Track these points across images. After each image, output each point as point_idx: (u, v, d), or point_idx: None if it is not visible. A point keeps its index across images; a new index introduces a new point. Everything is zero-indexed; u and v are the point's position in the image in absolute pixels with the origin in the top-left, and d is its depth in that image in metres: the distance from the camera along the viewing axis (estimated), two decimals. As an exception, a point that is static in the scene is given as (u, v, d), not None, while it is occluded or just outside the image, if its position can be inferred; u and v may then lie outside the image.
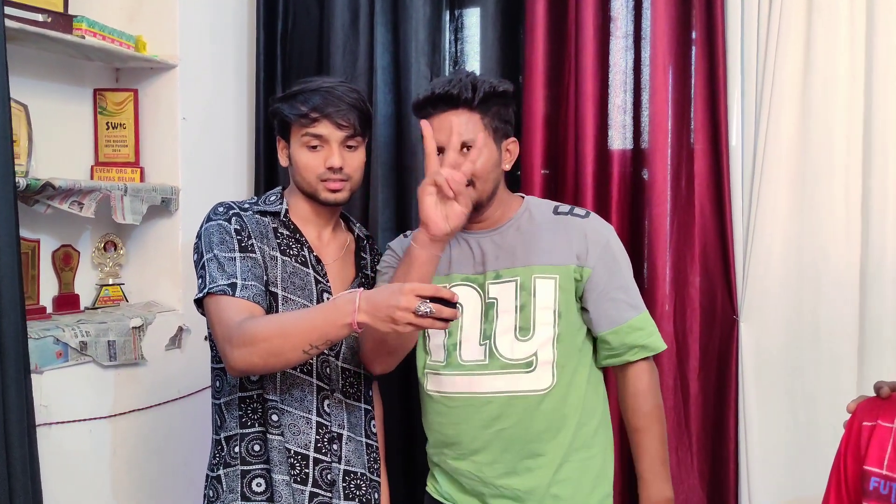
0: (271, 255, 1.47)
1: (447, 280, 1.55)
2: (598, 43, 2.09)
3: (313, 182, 1.48)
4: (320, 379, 1.49)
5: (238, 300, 1.37)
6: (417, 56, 2.25)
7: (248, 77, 2.46)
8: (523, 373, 1.49)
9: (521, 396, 1.49)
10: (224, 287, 1.38)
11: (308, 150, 1.47)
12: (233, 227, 1.45)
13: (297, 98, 1.48)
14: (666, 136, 2.05)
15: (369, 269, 1.64)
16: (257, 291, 1.40)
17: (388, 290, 1.24)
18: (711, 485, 2.06)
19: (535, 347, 1.49)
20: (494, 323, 1.51)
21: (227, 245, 1.42)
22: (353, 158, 1.50)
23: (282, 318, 1.37)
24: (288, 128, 1.50)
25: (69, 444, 1.86)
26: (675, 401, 2.07)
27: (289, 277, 1.47)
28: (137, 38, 2.12)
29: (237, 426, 1.47)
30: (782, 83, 1.94)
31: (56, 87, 2.09)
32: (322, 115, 1.45)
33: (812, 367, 1.96)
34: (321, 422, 1.48)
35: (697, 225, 2.04)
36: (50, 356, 1.81)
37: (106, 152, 2.19)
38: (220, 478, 1.48)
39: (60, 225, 2.06)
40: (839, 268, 1.94)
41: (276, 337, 1.30)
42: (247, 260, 1.42)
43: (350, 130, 1.47)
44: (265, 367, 1.34)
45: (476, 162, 1.41)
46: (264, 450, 1.45)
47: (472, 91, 1.46)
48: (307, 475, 1.46)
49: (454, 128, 1.44)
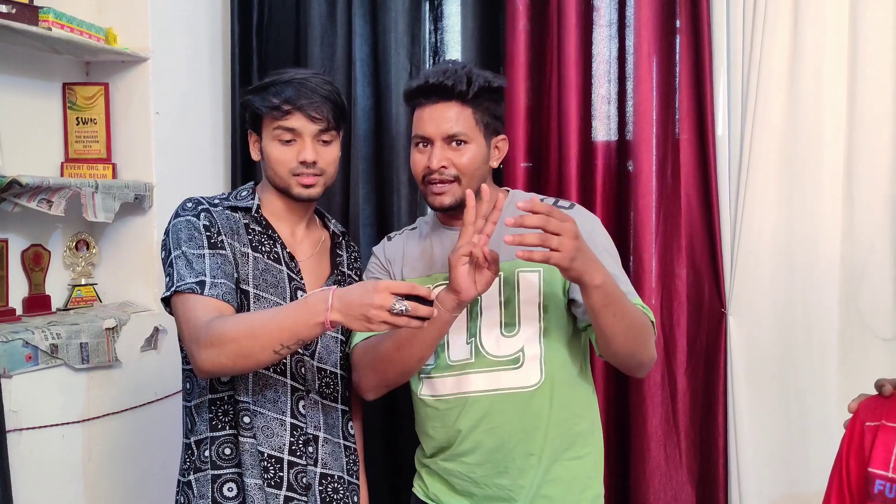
0: (242, 251, 1.42)
1: (430, 280, 1.52)
2: (581, 32, 2.05)
3: (286, 176, 1.44)
4: (294, 379, 1.44)
5: (207, 299, 1.32)
6: (397, 47, 2.20)
7: (222, 70, 2.40)
8: (510, 369, 1.46)
9: (510, 394, 1.46)
10: (192, 285, 1.33)
11: (280, 144, 1.42)
12: (202, 222, 1.39)
13: (269, 90, 1.42)
14: (651, 127, 2.02)
15: (345, 267, 1.59)
16: (227, 290, 1.35)
17: (362, 287, 1.20)
18: (700, 481, 2.04)
19: (522, 343, 1.46)
20: (479, 319, 1.47)
21: (195, 241, 1.37)
22: (327, 153, 1.45)
23: (251, 317, 1.32)
24: (259, 121, 1.45)
25: (41, 450, 1.80)
26: (662, 396, 2.04)
27: (261, 275, 1.42)
28: (108, 31, 2.05)
29: (207, 429, 1.42)
30: (769, 71, 1.91)
31: (23, 81, 2.02)
32: (295, 108, 1.40)
33: (802, 359, 1.93)
34: (295, 423, 1.43)
35: (684, 216, 2.02)
36: (19, 360, 1.75)
37: (76, 148, 2.12)
38: (190, 483, 1.42)
39: (30, 224, 1.99)
40: (827, 259, 1.92)
41: (246, 337, 1.25)
42: (216, 257, 1.37)
43: (324, 124, 1.43)
44: (234, 368, 1.29)
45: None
46: (235, 453, 1.40)
47: (467, 84, 1.42)
48: (281, 479, 1.41)
49: (443, 121, 1.42)
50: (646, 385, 2.02)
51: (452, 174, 1.44)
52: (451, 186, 1.44)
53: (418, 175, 1.48)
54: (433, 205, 1.48)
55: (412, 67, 2.21)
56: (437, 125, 1.43)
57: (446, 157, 1.43)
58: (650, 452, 2.02)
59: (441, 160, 1.43)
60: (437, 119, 1.43)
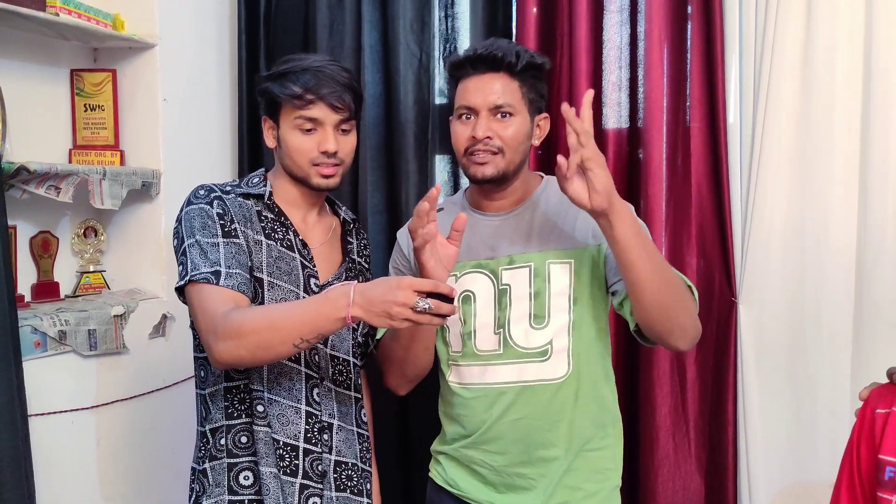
0: (256, 239, 1.41)
1: (458, 268, 1.51)
2: (592, 18, 2.03)
3: (305, 166, 1.42)
4: (309, 367, 1.44)
5: (222, 289, 1.31)
6: (406, 34, 2.19)
7: (230, 56, 2.39)
8: (538, 361, 1.45)
9: (537, 386, 1.45)
10: (207, 275, 1.32)
11: (301, 133, 1.41)
12: (215, 210, 1.38)
13: (288, 77, 1.40)
14: (662, 114, 2.01)
15: (356, 254, 1.58)
16: (242, 280, 1.34)
17: (385, 284, 1.19)
18: (709, 471, 2.03)
19: (551, 335, 1.45)
20: (508, 310, 1.47)
21: (209, 230, 1.36)
22: (347, 142, 1.45)
23: (271, 310, 1.32)
24: (277, 108, 1.43)
25: (50, 436, 1.81)
26: (671, 385, 2.03)
27: (274, 262, 1.41)
28: (115, 17, 2.04)
29: (223, 417, 1.42)
30: (782, 58, 1.89)
31: (31, 67, 2.01)
32: (317, 97, 1.38)
33: (812, 349, 1.92)
34: (311, 411, 1.43)
35: (694, 205, 2.00)
36: (28, 346, 1.75)
37: (84, 135, 2.11)
38: (206, 471, 1.42)
39: (38, 210, 1.99)
40: (839, 248, 1.90)
41: (266, 330, 1.25)
42: (230, 245, 1.36)
43: (345, 113, 1.41)
44: (252, 360, 1.29)
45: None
46: (251, 441, 1.40)
47: (516, 57, 1.43)
48: (297, 466, 1.40)
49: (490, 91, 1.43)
50: (655, 374, 2.02)
51: (497, 145, 1.43)
52: (494, 157, 1.44)
53: (461, 147, 1.46)
54: (475, 176, 1.46)
55: (422, 54, 2.19)
56: (484, 96, 1.42)
57: (491, 127, 1.42)
58: (659, 442, 2.01)
59: (486, 130, 1.42)
60: (483, 90, 1.43)
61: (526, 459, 1.47)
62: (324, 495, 1.42)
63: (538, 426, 1.46)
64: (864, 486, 1.26)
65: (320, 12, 2.24)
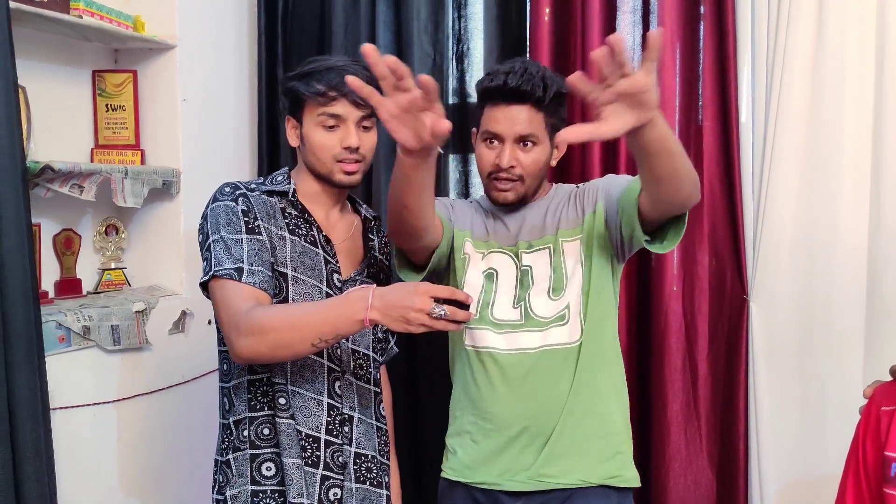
0: (279, 235, 1.44)
1: (486, 246, 1.59)
2: (605, 18, 2.06)
3: (328, 162, 1.45)
4: (331, 360, 1.47)
5: (244, 286, 1.35)
6: (420, 34, 2.21)
7: (248, 57, 2.42)
8: (558, 326, 1.52)
9: (553, 350, 1.52)
10: (230, 271, 1.35)
11: (324, 130, 1.44)
12: (240, 207, 1.41)
13: (313, 76, 1.44)
14: (674, 114, 2.03)
15: (377, 251, 1.62)
16: (264, 277, 1.37)
17: (403, 289, 1.23)
18: (721, 466, 2.05)
19: (568, 300, 1.53)
20: (530, 288, 1.54)
21: (233, 226, 1.39)
22: (368, 139, 1.48)
23: (292, 309, 1.36)
24: (301, 107, 1.46)
25: (73, 429, 1.85)
26: (683, 382, 2.05)
27: (298, 257, 1.44)
28: (136, 18, 2.08)
29: (246, 409, 1.45)
30: (794, 58, 1.90)
31: (54, 68, 2.05)
32: (340, 94, 1.41)
33: (823, 346, 1.94)
34: (332, 403, 1.46)
35: (706, 203, 2.02)
36: (53, 341, 1.79)
37: (106, 134, 2.15)
38: (229, 462, 1.45)
39: (61, 209, 2.03)
40: (850, 246, 1.92)
41: (287, 328, 1.29)
42: (254, 242, 1.39)
43: (367, 109, 1.43)
44: (272, 357, 1.34)
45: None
46: (274, 433, 1.43)
47: (544, 90, 1.47)
48: (318, 458, 1.43)
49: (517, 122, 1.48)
50: (667, 370, 2.04)
51: (518, 174, 1.51)
52: (514, 185, 1.53)
53: (485, 170, 1.54)
54: (496, 200, 1.55)
55: (435, 54, 2.22)
56: (511, 126, 1.48)
57: (515, 156, 1.49)
58: (671, 437, 2.03)
59: (510, 160, 1.49)
60: (511, 120, 1.48)
61: (531, 423, 1.52)
62: (344, 486, 1.45)
63: (548, 390, 1.51)
64: (870, 482, 1.27)
65: (336, 13, 2.28)
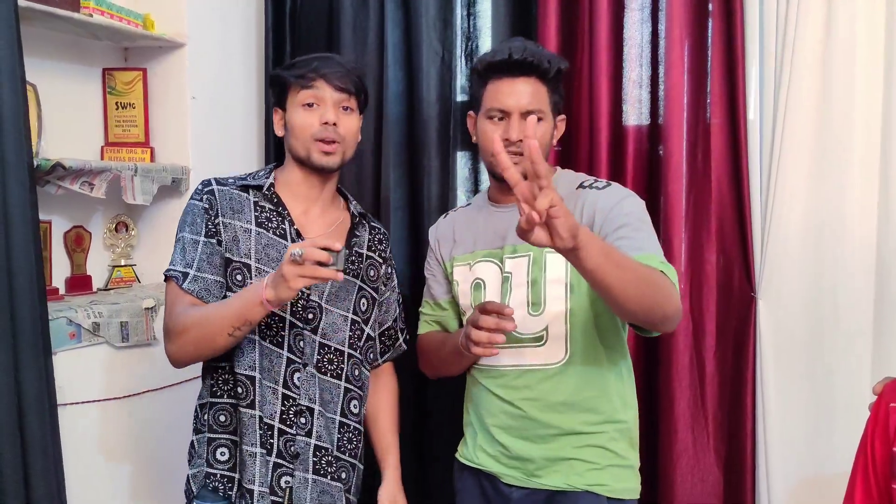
0: (245, 228, 1.49)
1: (471, 257, 1.58)
2: (613, 16, 2.05)
3: (307, 141, 1.50)
4: (291, 352, 1.51)
5: (184, 294, 1.45)
6: (428, 32, 2.22)
7: (256, 55, 2.43)
8: (534, 347, 1.50)
9: (532, 370, 1.51)
10: (177, 274, 1.46)
11: (304, 110, 1.50)
12: (203, 205, 1.49)
13: (297, 64, 1.53)
14: (682, 111, 2.02)
15: (364, 248, 1.63)
16: (206, 285, 1.46)
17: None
18: (728, 464, 2.05)
19: (546, 322, 1.50)
20: (508, 297, 1.52)
21: (195, 227, 1.48)
22: (348, 120, 1.52)
23: (208, 307, 1.44)
24: (285, 93, 1.53)
25: (83, 424, 1.87)
26: (690, 380, 2.05)
27: (262, 249, 1.49)
28: (145, 17, 2.09)
29: (208, 395, 1.53)
30: (803, 55, 1.90)
31: (65, 66, 2.07)
32: (319, 76, 1.49)
33: (830, 344, 1.93)
34: (287, 394, 1.50)
35: (714, 201, 2.02)
36: (63, 337, 1.81)
37: (116, 132, 2.17)
38: (193, 443, 1.56)
39: (71, 206, 2.05)
40: (859, 243, 1.91)
41: (202, 325, 1.39)
42: (208, 246, 1.47)
43: (346, 94, 1.50)
44: (198, 354, 1.44)
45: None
46: (230, 420, 1.50)
47: (548, 63, 1.49)
48: (272, 445, 1.49)
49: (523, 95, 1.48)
50: (674, 368, 2.03)
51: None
52: (522, 158, 1.46)
53: (491, 146, 1.51)
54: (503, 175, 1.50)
55: (444, 52, 2.22)
56: (517, 99, 1.48)
57: (522, 130, 1.47)
58: (678, 435, 2.03)
59: (519, 133, 1.47)
60: (517, 94, 1.48)
61: (527, 437, 1.52)
62: (295, 475, 1.49)
63: (538, 409, 1.50)
64: (879, 479, 1.27)
65: (344, 11, 2.28)
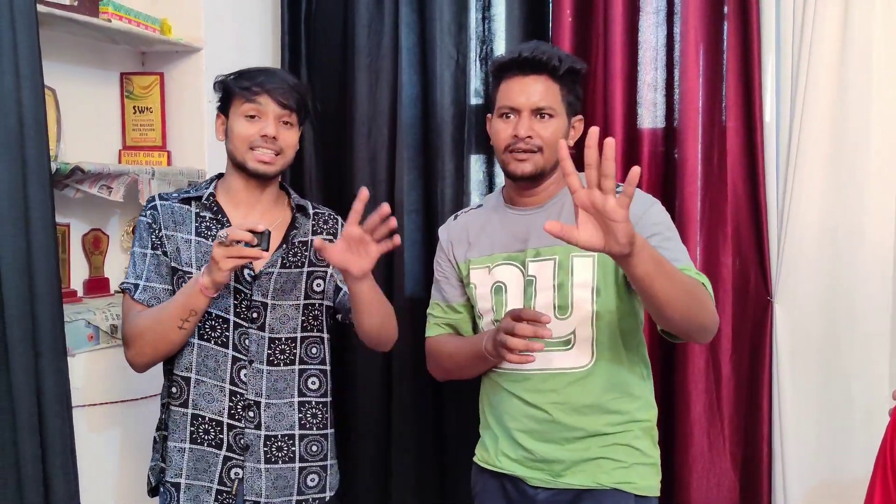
0: (185, 238, 1.57)
1: (489, 260, 1.57)
2: (628, 19, 2.05)
3: (243, 149, 1.55)
4: (237, 350, 1.57)
5: (135, 304, 1.54)
6: (443, 36, 2.22)
7: (272, 59, 2.44)
8: (561, 350, 1.50)
9: (560, 374, 1.50)
10: (129, 285, 1.55)
11: (245, 120, 1.55)
12: (147, 220, 1.58)
13: (243, 75, 1.58)
14: (697, 114, 2.02)
15: (308, 235, 1.64)
16: (153, 294, 1.55)
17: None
18: (744, 467, 2.04)
19: (574, 326, 1.50)
20: (533, 301, 1.51)
21: (143, 241, 1.57)
22: (288, 134, 1.57)
23: (155, 308, 1.53)
24: (229, 101, 1.58)
25: (101, 426, 1.88)
26: (706, 383, 2.04)
27: (203, 257, 1.56)
28: (162, 22, 2.11)
29: (166, 395, 1.61)
30: (819, 58, 1.89)
31: (83, 70, 2.09)
32: (264, 91, 1.55)
33: (848, 348, 1.92)
34: (234, 390, 1.57)
35: (730, 205, 2.01)
36: (81, 339, 1.82)
37: (133, 136, 2.19)
38: (154, 438, 1.65)
39: (89, 209, 2.06)
40: (876, 246, 1.90)
41: (153, 324, 1.49)
42: (154, 257, 1.56)
43: (288, 110, 1.56)
44: (156, 354, 1.52)
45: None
46: (166, 417, 1.60)
47: (559, 61, 1.50)
48: (222, 440, 1.56)
49: (533, 93, 1.49)
50: (690, 372, 2.03)
51: (537, 144, 1.49)
52: (533, 156, 1.50)
53: (501, 144, 1.53)
54: (514, 172, 1.52)
55: (458, 56, 2.23)
56: (528, 97, 1.49)
57: (532, 127, 1.49)
58: (694, 439, 2.03)
59: (528, 130, 1.48)
60: (527, 91, 1.49)
61: (552, 439, 1.52)
62: (246, 467, 1.57)
63: (563, 412, 1.50)
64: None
65: (359, 15, 2.29)
